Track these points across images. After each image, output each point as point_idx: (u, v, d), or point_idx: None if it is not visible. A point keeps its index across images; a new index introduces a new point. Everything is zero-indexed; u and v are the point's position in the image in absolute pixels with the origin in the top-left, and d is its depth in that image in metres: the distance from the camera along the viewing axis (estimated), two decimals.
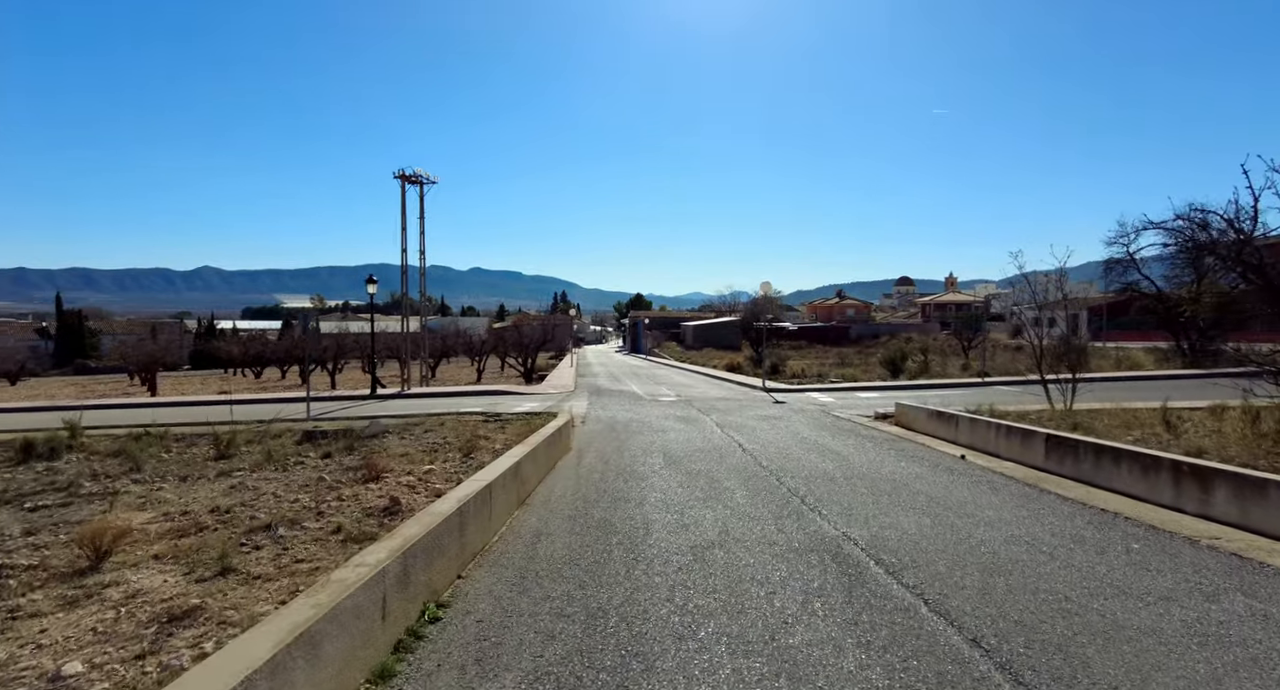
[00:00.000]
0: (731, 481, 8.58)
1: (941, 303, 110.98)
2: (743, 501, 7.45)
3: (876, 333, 75.40)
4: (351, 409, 22.02)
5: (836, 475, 8.94)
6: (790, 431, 13.78)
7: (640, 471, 9.39)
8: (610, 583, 4.92)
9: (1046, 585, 4.66)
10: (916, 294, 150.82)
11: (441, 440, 12.75)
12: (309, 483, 9.21)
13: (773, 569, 5.15)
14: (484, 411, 17.89)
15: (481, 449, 11.55)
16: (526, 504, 7.61)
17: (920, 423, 13.54)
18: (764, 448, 11.44)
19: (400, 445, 12.58)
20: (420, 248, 28.27)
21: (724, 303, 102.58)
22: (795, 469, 9.41)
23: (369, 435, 14.05)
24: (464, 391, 26.49)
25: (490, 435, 12.92)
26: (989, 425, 10.90)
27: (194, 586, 5.04)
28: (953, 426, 12.11)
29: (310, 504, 7.88)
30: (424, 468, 10.01)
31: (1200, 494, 6.54)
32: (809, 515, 6.81)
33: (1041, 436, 9.35)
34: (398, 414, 17.97)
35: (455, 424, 14.81)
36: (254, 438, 13.63)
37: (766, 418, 16.28)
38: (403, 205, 26.87)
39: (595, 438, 13.12)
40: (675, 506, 7.27)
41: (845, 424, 15.05)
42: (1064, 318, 43.65)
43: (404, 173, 26.73)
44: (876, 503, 7.32)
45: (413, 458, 11.21)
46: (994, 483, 8.44)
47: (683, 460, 10.26)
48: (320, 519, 7.11)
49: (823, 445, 11.69)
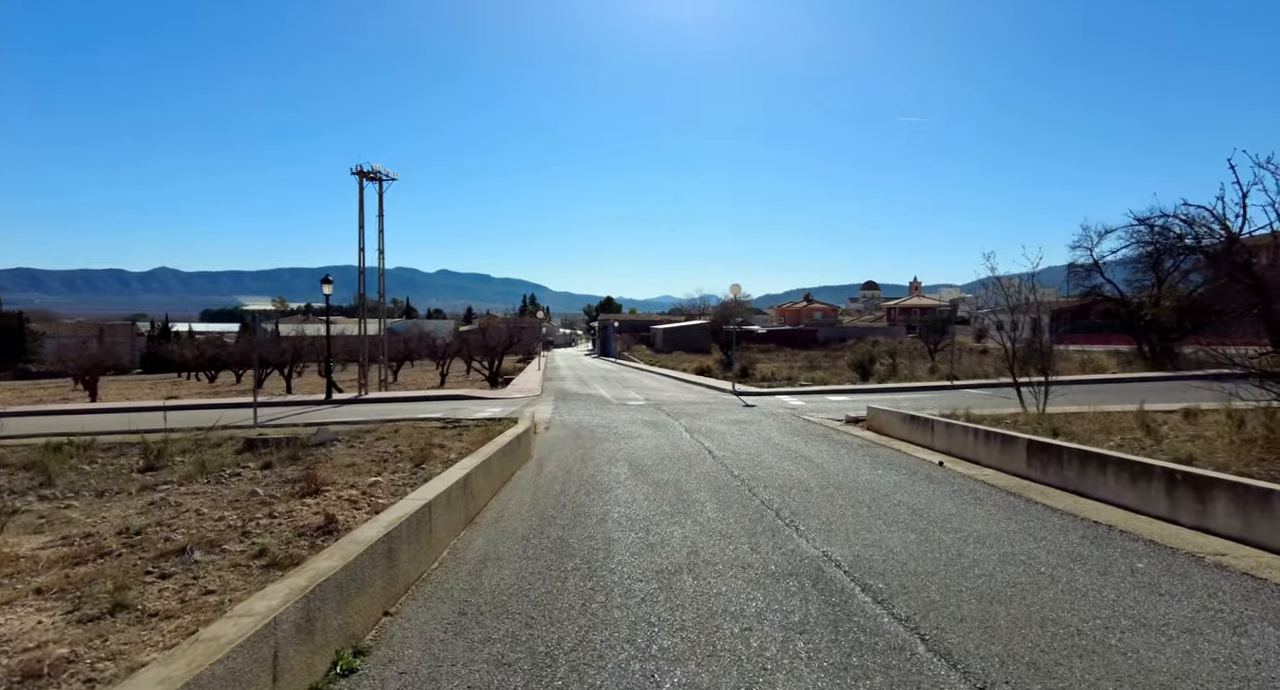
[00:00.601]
0: (701, 493, 7.99)
1: (907, 307, 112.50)
2: (714, 516, 6.85)
3: (844, 336, 75.89)
4: (304, 415, 20.97)
5: (812, 485, 8.41)
6: (761, 437, 13.27)
7: (604, 482, 8.74)
8: (563, 619, 4.27)
9: (1054, 615, 4.14)
10: (882, 298, 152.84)
11: (393, 449, 11.96)
12: (240, 498, 8.39)
13: (748, 598, 4.56)
14: (443, 418, 17.08)
15: (435, 458, 10.82)
16: (475, 522, 6.91)
17: (894, 427, 13.14)
18: (735, 454, 10.89)
19: (348, 455, 11.77)
20: (380, 247, 27.25)
21: (694, 306, 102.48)
22: (768, 478, 8.86)
23: (315, 444, 13.19)
24: (425, 396, 25.54)
25: (446, 443, 12.19)
26: (966, 430, 10.50)
27: (72, 630, 4.25)
28: (928, 431, 11.72)
29: (237, 522, 7.09)
30: (369, 480, 9.24)
31: (1196, 505, 6.14)
32: (785, 531, 6.24)
33: (1023, 443, 8.96)
34: (351, 420, 17.04)
35: (410, 431, 14.00)
36: (191, 447, 12.66)
37: (737, 422, 15.77)
38: (360, 203, 25.85)
39: (558, 445, 12.44)
40: (640, 523, 6.64)
41: (817, 428, 14.60)
42: (1027, 322, 44.35)
43: (362, 169, 25.71)
44: (857, 516, 6.79)
45: (360, 468, 10.42)
46: (977, 492, 7.99)
47: (650, 469, 9.64)
48: (245, 540, 6.33)
49: (795, 451, 11.18)
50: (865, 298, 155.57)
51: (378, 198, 26.84)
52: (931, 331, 50.11)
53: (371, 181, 26.42)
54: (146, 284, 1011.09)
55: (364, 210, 25.98)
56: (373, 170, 25.94)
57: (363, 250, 26.02)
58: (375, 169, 25.93)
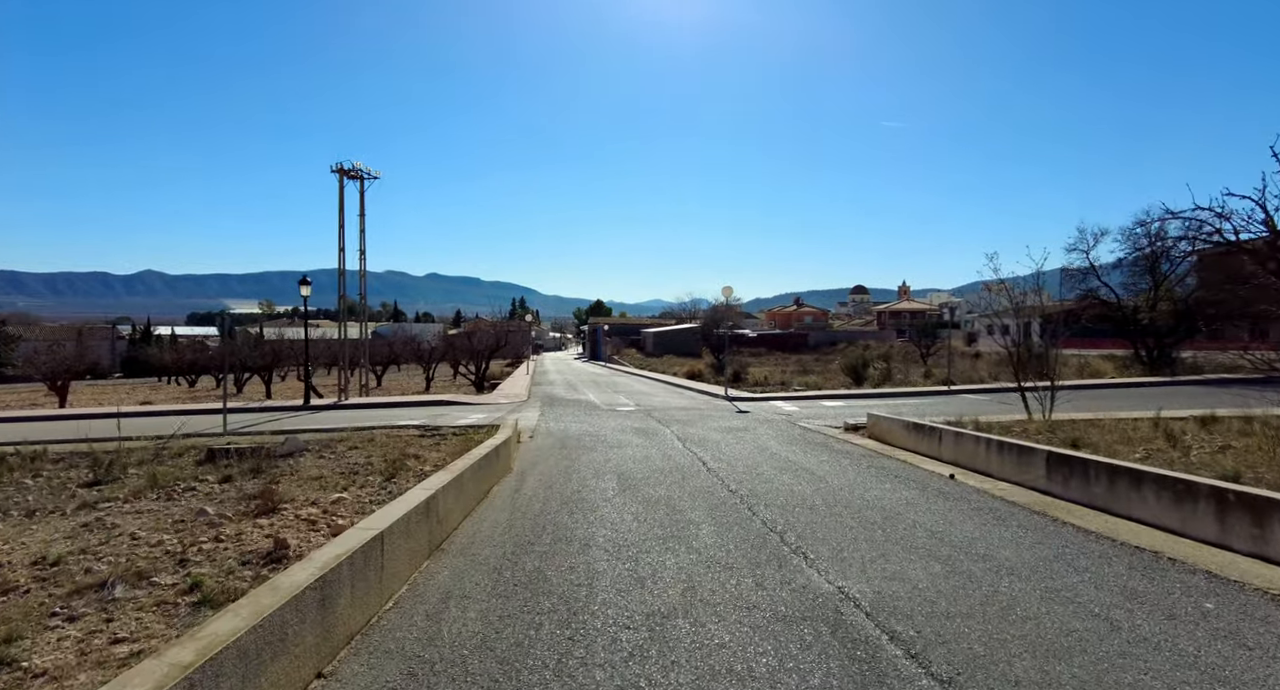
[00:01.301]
0: (697, 512, 7.24)
1: (897, 311, 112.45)
2: (711, 541, 6.11)
3: (834, 340, 75.55)
4: (278, 422, 20.06)
5: (816, 502, 7.69)
6: (757, 445, 12.55)
7: (589, 499, 7.98)
8: (532, 683, 3.51)
9: (1131, 678, 3.42)
10: (871, 302, 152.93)
11: (365, 460, 11.17)
12: (187, 517, 7.58)
13: (756, 651, 3.81)
14: (422, 425, 16.26)
15: (409, 471, 10.04)
16: (443, 550, 6.12)
17: (896, 436, 12.46)
18: (730, 466, 10.15)
19: (316, 466, 10.96)
20: (361, 247, 26.36)
21: (684, 309, 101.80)
22: (768, 493, 8.12)
23: (283, 454, 12.37)
24: (408, 402, 24.66)
25: (422, 454, 11.41)
26: (978, 440, 9.82)
27: None
28: (934, 441, 11.03)
29: (176, 548, 6.28)
30: (333, 496, 8.45)
31: (1254, 529, 5.47)
32: (793, 560, 5.51)
33: (1042, 455, 8.28)
34: (325, 428, 16.19)
35: (386, 440, 13.21)
36: (149, 457, 11.81)
37: (731, 430, 15.05)
38: (340, 202, 24.97)
39: (542, 455, 11.66)
40: (629, 549, 5.88)
41: (815, 437, 13.90)
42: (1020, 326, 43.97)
43: (342, 167, 24.85)
44: (871, 541, 6.07)
45: (327, 482, 9.63)
46: (997, 511, 7.29)
47: (640, 483, 8.88)
48: (180, 571, 5.54)
49: (794, 462, 10.46)
50: (854, 302, 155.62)
51: (359, 197, 25.98)
52: (923, 335, 49.71)
53: (352, 180, 25.56)
54: (131, 287, 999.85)
55: (344, 210, 25.13)
56: (353, 168, 25.08)
57: (343, 250, 25.14)
58: (356, 167, 25.07)
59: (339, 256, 25.07)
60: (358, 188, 25.88)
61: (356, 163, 24.84)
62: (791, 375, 34.06)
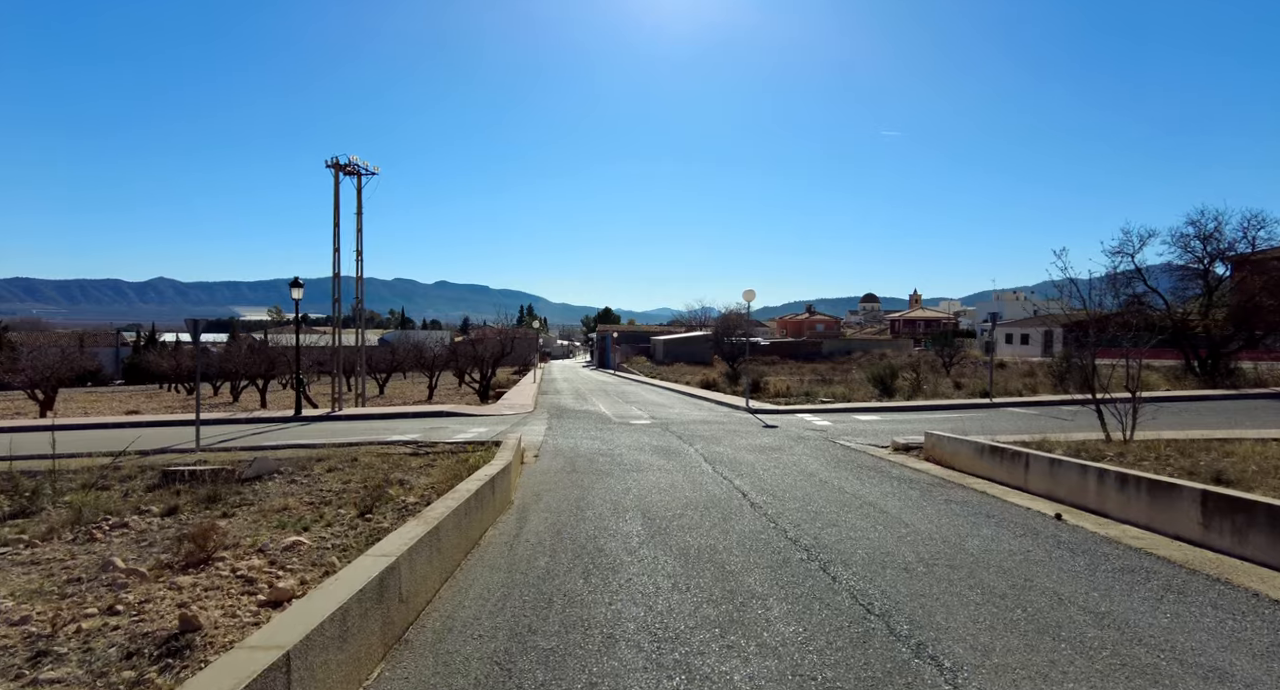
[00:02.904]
0: (755, 575, 5.41)
1: (910, 319, 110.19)
2: (789, 631, 4.28)
3: (849, 349, 73.52)
4: (262, 435, 18.37)
5: (908, 557, 5.85)
6: (800, 470, 10.71)
7: (609, 551, 6.15)
8: None
9: None
10: (881, 311, 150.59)
11: (340, 487, 9.45)
12: (88, 572, 5.85)
13: None
14: (416, 441, 14.51)
15: (390, 501, 8.31)
16: (406, 642, 4.30)
17: (965, 460, 10.59)
18: (778, 499, 8.31)
19: (283, 493, 9.27)
20: (357, 247, 24.72)
21: (694, 317, 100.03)
22: (840, 544, 6.29)
23: (248, 477, 10.65)
24: (406, 412, 22.94)
25: (409, 479, 9.68)
26: (1084, 470, 7.94)
27: None
28: (1018, 467, 9.15)
29: (42, 628, 4.57)
30: (289, 538, 6.69)
31: None
32: (925, 673, 3.68)
33: (1193, 495, 6.40)
34: (309, 443, 14.44)
35: (371, 459, 11.46)
36: (94, 480, 10.09)
37: (763, 449, 13.21)
38: (335, 199, 23.34)
39: (549, 482, 9.85)
40: (672, 645, 4.07)
41: (863, 459, 12.05)
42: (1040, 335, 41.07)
43: (337, 161, 23.23)
44: (1014, 628, 4.24)
45: (289, 516, 7.93)
46: (1159, 575, 5.42)
47: (671, 526, 7.05)
48: (18, 678, 3.84)
49: (854, 495, 8.62)
50: (865, 310, 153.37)
51: (356, 194, 24.36)
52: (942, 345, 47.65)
53: (349, 176, 23.95)
54: (144, 294, 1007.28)
55: (339, 207, 23.48)
56: (349, 163, 23.46)
57: (337, 250, 23.49)
58: (352, 161, 23.45)
59: (333, 257, 23.42)
60: (355, 185, 24.28)
61: (353, 157, 23.23)
62: (812, 385, 32.17)
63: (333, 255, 23.28)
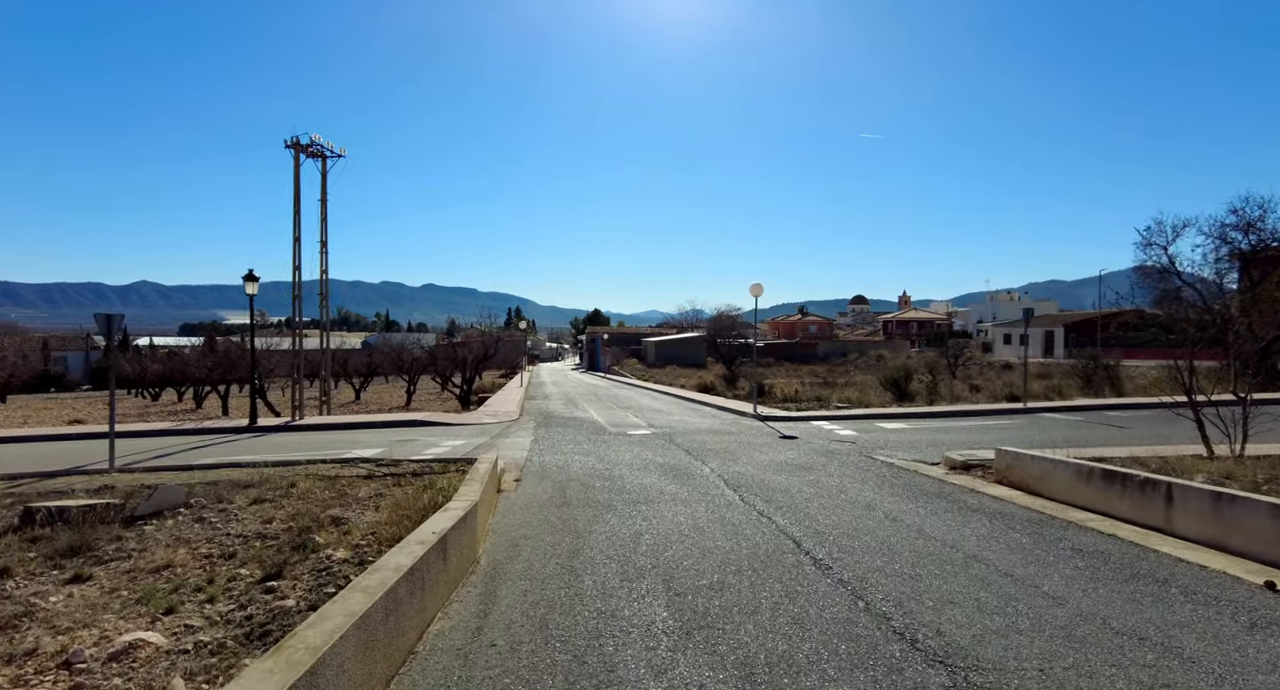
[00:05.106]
0: None
1: (904, 320, 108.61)
2: None
3: (844, 350, 71.59)
4: (205, 448, 15.92)
5: (1120, 684, 3.60)
6: (849, 498, 8.46)
7: (623, 669, 3.83)
8: None
9: None
10: (871, 312, 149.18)
11: (261, 526, 7.15)
12: None
13: None
14: (376, 458, 12.10)
15: (316, 551, 6.02)
16: None
17: (1060, 486, 8.35)
18: (847, 552, 6.02)
19: (176, 540, 7.04)
20: (321, 238, 22.22)
21: (686, 319, 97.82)
22: (983, 646, 4.02)
23: (143, 513, 8.30)
24: (376, 421, 20.46)
25: (351, 514, 7.42)
26: (1276, 510, 5.70)
27: None
28: (1155, 502, 6.88)
29: None
30: (130, 635, 4.39)
31: None
32: None
33: None
34: (250, 461, 11.95)
35: (312, 485, 9.07)
36: None
37: (791, 467, 10.95)
38: (296, 183, 20.84)
39: (532, 522, 7.51)
40: None
41: (919, 480, 9.80)
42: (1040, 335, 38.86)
43: (298, 141, 20.75)
44: None
45: (170, 577, 5.70)
46: None
47: (710, 608, 4.71)
48: None
49: (941, 541, 6.36)
50: (855, 311, 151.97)
51: (321, 179, 21.89)
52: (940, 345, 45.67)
53: (312, 158, 21.47)
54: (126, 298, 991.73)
55: (300, 193, 20.98)
56: (312, 143, 20.99)
57: (298, 241, 20.99)
58: (315, 141, 20.99)
59: (293, 248, 20.90)
60: (319, 168, 21.81)
61: (315, 136, 20.75)
62: (818, 389, 30.01)
63: (292, 246, 20.77)
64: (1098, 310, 63.56)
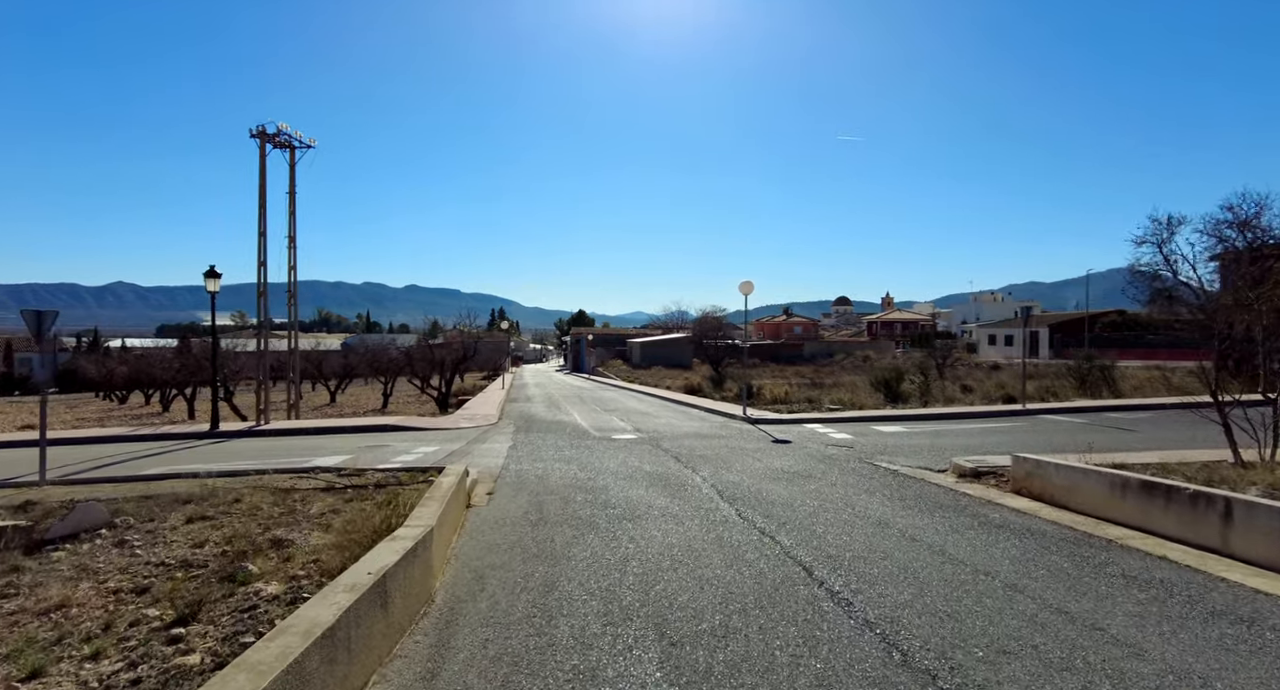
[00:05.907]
0: None
1: (888, 321, 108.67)
2: None
3: (830, 351, 71.21)
4: (158, 456, 14.81)
5: None
6: (858, 513, 7.60)
7: None
8: None
9: None
10: (854, 313, 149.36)
11: (191, 550, 6.22)
12: None
13: None
14: (338, 467, 11.06)
15: (244, 584, 5.02)
16: None
17: (1090, 498, 7.54)
18: (869, 584, 5.15)
19: (82, 570, 6.04)
20: (290, 233, 21.08)
21: (670, 320, 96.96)
22: None
23: (56, 536, 7.30)
24: (345, 426, 19.36)
25: (296, 535, 6.46)
26: None
27: None
28: (1210, 519, 6.06)
29: None
30: None
31: None
32: None
33: None
34: (201, 471, 10.80)
35: (260, 499, 8.06)
36: None
37: (789, 476, 10.09)
38: (261, 173, 19.70)
39: (502, 544, 6.57)
40: None
41: (930, 491, 8.97)
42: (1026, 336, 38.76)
43: (264, 130, 19.61)
44: None
45: (59, 622, 4.71)
46: None
47: (714, 666, 3.79)
48: None
49: (973, 568, 5.51)
50: (839, 313, 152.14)
51: (289, 170, 20.75)
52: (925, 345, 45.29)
53: (279, 148, 20.33)
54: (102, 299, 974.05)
55: (266, 186, 19.84)
56: (279, 132, 19.86)
57: (263, 235, 19.84)
58: (282, 130, 19.85)
59: (258, 242, 19.74)
60: (287, 159, 20.67)
61: (281, 124, 19.60)
62: (805, 389, 29.26)
63: (257, 240, 19.62)
64: (1085, 310, 63.64)
